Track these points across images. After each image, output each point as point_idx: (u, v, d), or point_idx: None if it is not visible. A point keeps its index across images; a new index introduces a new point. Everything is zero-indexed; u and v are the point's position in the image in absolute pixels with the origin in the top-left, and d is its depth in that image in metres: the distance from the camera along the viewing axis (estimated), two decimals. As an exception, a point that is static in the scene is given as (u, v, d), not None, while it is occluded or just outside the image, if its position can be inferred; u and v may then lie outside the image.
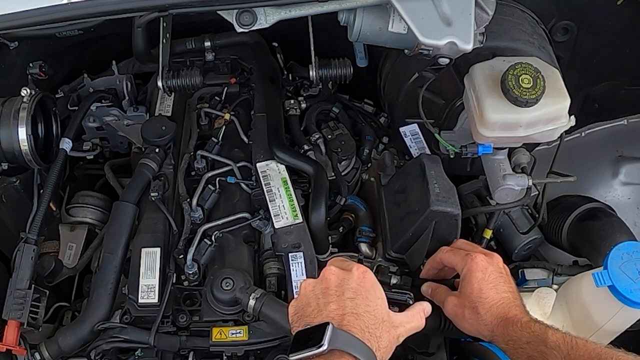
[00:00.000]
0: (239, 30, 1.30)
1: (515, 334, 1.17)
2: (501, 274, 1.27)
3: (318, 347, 0.96)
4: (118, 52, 1.81)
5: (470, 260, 1.27)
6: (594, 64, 1.82)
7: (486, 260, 1.27)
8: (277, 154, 1.55)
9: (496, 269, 1.27)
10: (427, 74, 1.39)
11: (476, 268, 1.26)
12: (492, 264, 1.28)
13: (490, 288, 1.24)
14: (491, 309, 1.22)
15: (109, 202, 1.68)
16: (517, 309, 1.21)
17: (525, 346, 1.15)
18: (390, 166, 1.61)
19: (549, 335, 1.13)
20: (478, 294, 1.24)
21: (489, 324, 1.21)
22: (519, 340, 1.16)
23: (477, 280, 1.25)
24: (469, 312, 1.24)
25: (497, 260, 1.29)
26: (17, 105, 1.43)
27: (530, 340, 1.14)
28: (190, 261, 1.41)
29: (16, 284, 1.36)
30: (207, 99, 1.76)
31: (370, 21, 1.34)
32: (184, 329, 1.37)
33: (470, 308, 1.24)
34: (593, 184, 1.93)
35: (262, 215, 1.50)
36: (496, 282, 1.25)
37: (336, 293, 1.07)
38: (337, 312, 1.03)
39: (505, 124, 1.33)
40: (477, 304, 1.23)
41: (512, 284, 1.27)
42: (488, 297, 1.23)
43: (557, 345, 1.11)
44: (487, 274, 1.25)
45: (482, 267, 1.26)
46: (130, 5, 1.25)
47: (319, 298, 1.08)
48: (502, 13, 1.51)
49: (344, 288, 1.07)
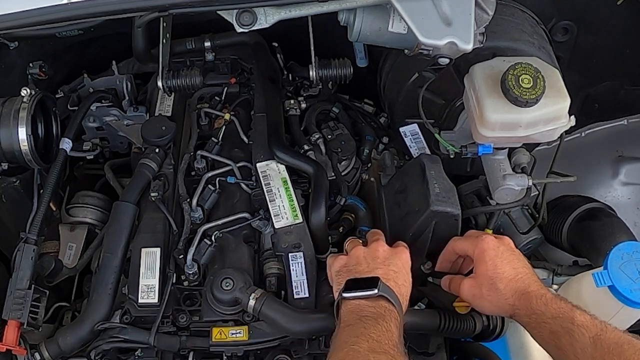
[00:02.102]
0: (239, 30, 1.30)
1: (540, 308, 1.17)
2: (513, 252, 1.29)
3: (372, 290, 1.18)
4: (118, 52, 1.81)
5: (481, 241, 1.29)
6: (594, 64, 1.82)
7: (497, 240, 1.29)
8: (277, 154, 1.55)
9: (508, 247, 1.29)
10: (427, 74, 1.39)
11: (488, 247, 1.27)
12: (503, 243, 1.29)
13: (505, 264, 1.25)
14: (510, 283, 1.23)
15: (109, 202, 1.68)
16: (537, 285, 1.22)
17: (549, 321, 1.15)
18: (390, 166, 1.61)
19: (577, 315, 1.13)
20: (493, 269, 1.25)
21: (509, 298, 1.22)
22: (544, 315, 1.16)
23: (491, 257, 1.26)
24: (487, 290, 1.25)
25: (507, 242, 1.31)
26: (17, 105, 1.43)
27: (556, 316, 1.14)
28: (190, 261, 1.41)
29: (16, 284, 1.36)
30: (207, 99, 1.76)
31: (370, 21, 1.34)
32: (184, 329, 1.37)
33: (487, 285, 1.25)
34: (593, 184, 1.93)
35: (262, 215, 1.50)
36: (510, 259, 1.26)
37: (384, 263, 1.28)
38: (383, 275, 1.24)
39: (505, 124, 1.33)
40: (494, 280, 1.24)
41: (526, 262, 1.28)
42: (504, 272, 1.24)
43: (585, 325, 1.11)
44: (500, 252, 1.27)
45: (493, 245, 1.28)
46: (130, 5, 1.25)
47: (369, 262, 1.28)
48: (502, 13, 1.51)
49: (390, 262, 1.28)
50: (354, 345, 1.07)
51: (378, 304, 1.18)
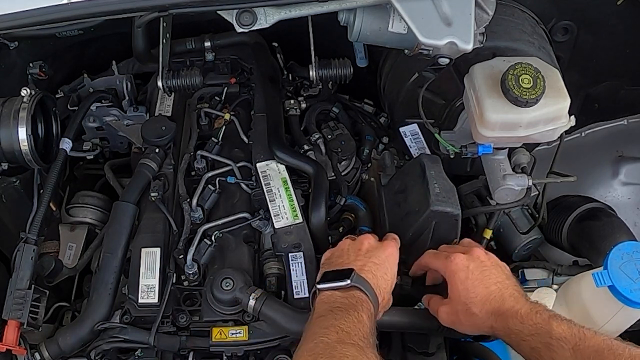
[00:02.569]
0: (239, 30, 1.30)
1: (517, 327, 1.15)
2: (485, 266, 1.25)
3: (344, 281, 1.20)
4: (118, 52, 1.81)
5: (450, 262, 1.26)
6: (594, 64, 1.82)
7: (466, 259, 1.26)
8: (277, 154, 1.55)
9: (478, 264, 1.25)
10: (427, 74, 1.39)
11: (457, 269, 1.25)
12: (472, 259, 1.26)
13: (477, 285, 1.22)
14: (484, 305, 1.21)
15: (109, 202, 1.68)
16: (510, 300, 1.20)
17: (528, 338, 1.13)
18: (390, 166, 1.61)
19: (554, 327, 1.11)
20: (466, 294, 1.23)
21: (486, 320, 1.20)
22: (522, 333, 1.14)
23: (461, 281, 1.24)
24: (463, 316, 1.23)
25: (477, 254, 1.27)
26: (17, 105, 1.43)
27: (533, 332, 1.13)
28: (190, 261, 1.41)
29: (16, 284, 1.36)
30: (207, 99, 1.76)
31: (370, 21, 1.34)
32: (184, 329, 1.37)
33: (463, 311, 1.23)
34: (593, 184, 1.93)
35: (262, 215, 1.50)
36: (481, 277, 1.23)
37: (365, 255, 1.28)
38: (361, 267, 1.25)
39: (505, 124, 1.33)
40: (468, 305, 1.22)
41: (499, 273, 1.25)
42: (477, 295, 1.22)
43: (563, 336, 1.09)
44: (469, 272, 1.24)
45: (462, 267, 1.25)
46: (130, 5, 1.25)
47: (351, 254, 1.29)
48: (502, 13, 1.51)
49: (373, 254, 1.29)
50: (323, 336, 1.07)
51: (350, 294, 1.18)
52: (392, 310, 1.33)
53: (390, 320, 1.33)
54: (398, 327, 1.35)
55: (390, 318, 1.33)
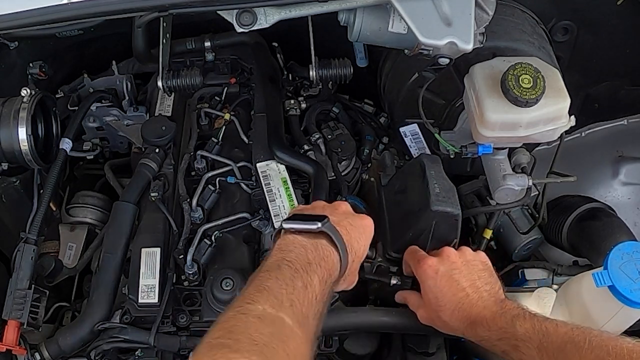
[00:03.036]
0: (239, 30, 1.30)
1: (485, 333, 1.16)
2: (455, 268, 1.24)
3: (313, 223, 1.06)
4: (118, 52, 1.81)
5: (419, 269, 1.26)
6: (594, 64, 1.82)
7: (436, 262, 1.25)
8: (277, 154, 1.54)
9: (448, 268, 1.24)
10: (427, 74, 1.39)
11: (426, 277, 1.25)
12: (442, 262, 1.25)
13: (445, 294, 1.22)
14: (452, 314, 1.21)
15: (109, 202, 1.68)
16: (478, 305, 1.19)
17: (497, 343, 1.14)
18: (390, 166, 1.61)
19: (518, 328, 1.11)
20: (435, 302, 1.23)
21: (457, 329, 1.21)
22: (490, 339, 1.15)
23: (430, 289, 1.24)
24: (437, 321, 1.24)
25: (447, 256, 1.26)
26: (17, 105, 1.43)
27: (500, 337, 1.13)
28: (190, 261, 1.41)
29: (16, 284, 1.36)
30: (207, 99, 1.76)
31: (370, 21, 1.34)
32: (184, 329, 1.37)
33: (435, 317, 1.24)
34: (593, 184, 1.93)
35: (262, 215, 1.50)
36: (450, 284, 1.22)
37: (343, 215, 1.18)
38: (336, 221, 1.11)
39: (505, 124, 1.33)
40: (438, 312, 1.23)
41: (472, 274, 1.24)
42: (445, 304, 1.21)
43: (527, 336, 1.09)
44: (438, 279, 1.23)
45: (430, 274, 1.24)
46: (130, 5, 1.25)
47: (326, 209, 1.18)
48: (502, 13, 1.51)
49: (350, 217, 1.19)
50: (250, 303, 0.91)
51: (316, 243, 1.04)
52: (392, 311, 1.33)
53: (390, 321, 1.33)
54: (398, 328, 1.35)
55: (390, 319, 1.33)
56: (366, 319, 1.34)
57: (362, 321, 1.34)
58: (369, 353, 1.39)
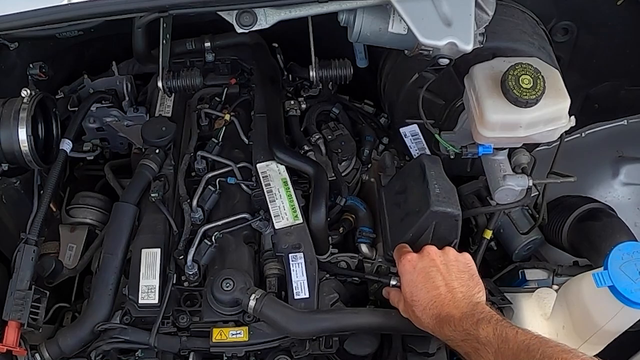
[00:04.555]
0: (239, 30, 1.30)
1: (450, 333, 1.18)
2: (433, 266, 1.27)
3: None
4: (118, 53, 1.82)
5: (399, 263, 1.30)
6: (594, 64, 1.82)
7: (415, 260, 1.28)
8: (277, 155, 1.54)
9: (426, 265, 1.27)
10: (427, 74, 1.39)
11: (404, 271, 1.28)
12: (421, 259, 1.28)
13: (420, 289, 1.25)
14: (424, 310, 1.23)
15: (109, 203, 1.68)
16: (449, 305, 1.21)
17: (461, 344, 1.16)
18: (390, 167, 1.61)
19: (480, 331, 1.13)
20: (410, 297, 1.26)
21: (427, 325, 1.23)
22: (455, 339, 1.17)
23: (407, 283, 1.27)
24: (412, 315, 1.27)
25: (427, 252, 1.29)
26: (18, 106, 1.42)
27: (464, 338, 1.15)
28: (190, 262, 1.41)
29: (16, 285, 1.36)
30: (207, 100, 1.76)
31: (370, 22, 1.34)
32: (184, 329, 1.37)
33: (411, 311, 1.26)
34: (593, 185, 1.92)
35: (262, 215, 1.50)
36: (425, 281, 1.25)
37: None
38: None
39: (505, 124, 1.33)
40: (412, 306, 1.25)
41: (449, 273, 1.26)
42: (419, 300, 1.24)
43: (488, 340, 1.11)
44: (415, 274, 1.26)
45: (408, 269, 1.28)
46: (130, 6, 1.25)
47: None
48: (502, 13, 1.51)
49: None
50: None
51: None
52: (392, 313, 1.33)
53: (390, 322, 1.33)
54: (398, 329, 1.35)
55: (391, 320, 1.33)
56: (366, 319, 1.34)
57: (362, 322, 1.34)
58: (369, 354, 1.39)
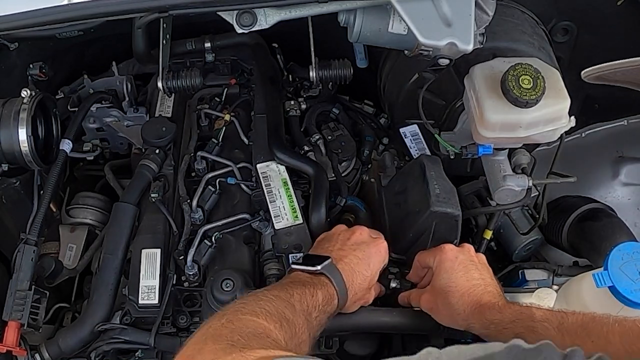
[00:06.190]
0: (239, 31, 1.30)
1: (495, 317, 1.16)
2: (472, 261, 1.29)
3: (314, 266, 1.21)
4: (118, 53, 1.81)
5: (439, 252, 1.30)
6: (594, 64, 1.82)
7: (456, 250, 1.30)
8: (277, 155, 1.54)
9: (467, 257, 1.29)
10: (427, 74, 1.39)
11: (445, 258, 1.28)
12: (462, 252, 1.30)
13: (460, 276, 1.25)
14: (462, 297, 1.22)
15: (109, 203, 1.68)
16: (489, 295, 1.22)
17: (509, 326, 1.14)
18: (390, 167, 1.61)
19: (535, 311, 1.14)
20: (447, 283, 1.25)
21: (461, 312, 1.22)
22: (502, 322, 1.15)
23: (446, 270, 1.27)
24: (441, 303, 1.25)
25: (468, 249, 1.32)
26: (18, 106, 1.42)
27: (514, 319, 1.14)
28: (190, 262, 1.41)
29: (16, 285, 1.36)
30: (207, 100, 1.76)
31: (370, 22, 1.34)
32: (185, 330, 1.38)
33: (442, 299, 1.25)
34: (593, 185, 1.93)
35: (262, 216, 1.50)
36: (466, 270, 1.26)
37: (351, 247, 1.28)
38: (341, 257, 1.25)
39: (505, 124, 1.33)
40: (447, 293, 1.24)
41: (484, 272, 1.28)
42: (458, 285, 1.24)
43: (546, 317, 1.11)
44: (456, 262, 1.27)
45: (451, 256, 1.28)
46: (130, 6, 1.25)
47: (337, 242, 1.30)
48: (502, 14, 1.51)
49: (359, 247, 1.28)
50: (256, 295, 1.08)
51: (317, 278, 1.19)
52: (392, 311, 1.33)
53: (390, 321, 1.33)
54: (398, 328, 1.35)
55: (391, 319, 1.33)
56: (366, 319, 1.34)
57: (362, 322, 1.34)
58: (369, 354, 1.39)
